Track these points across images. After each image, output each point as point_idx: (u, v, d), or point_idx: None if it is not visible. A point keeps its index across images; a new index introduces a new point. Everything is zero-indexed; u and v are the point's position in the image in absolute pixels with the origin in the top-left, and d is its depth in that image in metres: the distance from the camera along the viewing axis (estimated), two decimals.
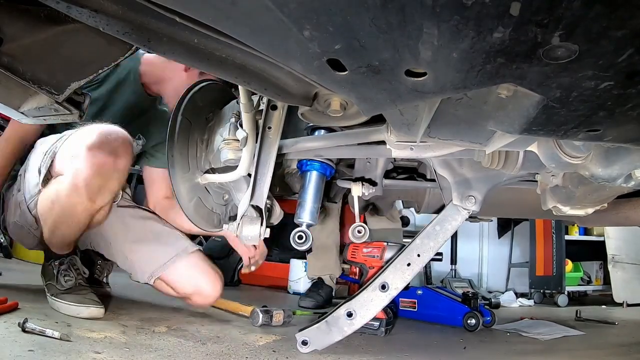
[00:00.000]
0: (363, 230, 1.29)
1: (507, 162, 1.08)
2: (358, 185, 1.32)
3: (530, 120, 0.63)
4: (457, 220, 1.21)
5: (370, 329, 1.61)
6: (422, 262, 1.21)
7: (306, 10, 0.45)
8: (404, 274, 1.21)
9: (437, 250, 1.21)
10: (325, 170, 1.31)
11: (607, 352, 1.73)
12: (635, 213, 1.43)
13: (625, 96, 0.52)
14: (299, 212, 1.28)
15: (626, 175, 0.83)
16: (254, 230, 1.15)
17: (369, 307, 1.21)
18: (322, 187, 1.31)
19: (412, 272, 1.20)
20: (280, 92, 0.78)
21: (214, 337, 1.38)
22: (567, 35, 0.43)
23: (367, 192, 1.33)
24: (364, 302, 1.22)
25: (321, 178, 1.31)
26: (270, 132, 1.17)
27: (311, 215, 1.26)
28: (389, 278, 1.21)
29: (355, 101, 0.66)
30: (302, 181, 1.32)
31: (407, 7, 0.43)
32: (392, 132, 1.10)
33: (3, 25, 0.70)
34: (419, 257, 1.20)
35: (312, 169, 1.30)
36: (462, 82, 0.54)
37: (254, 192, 1.17)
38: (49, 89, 0.78)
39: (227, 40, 0.58)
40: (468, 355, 1.51)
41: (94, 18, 0.61)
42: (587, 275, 3.75)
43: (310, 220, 1.26)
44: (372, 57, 0.52)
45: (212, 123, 1.39)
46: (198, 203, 1.41)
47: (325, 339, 1.23)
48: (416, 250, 1.21)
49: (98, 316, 1.39)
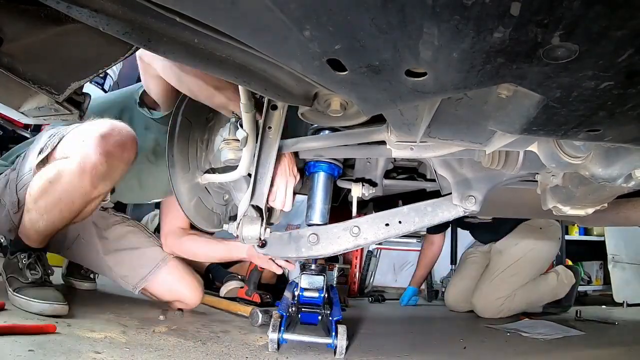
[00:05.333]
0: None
1: (507, 162, 1.08)
2: (358, 186, 1.32)
3: (530, 120, 0.63)
4: (450, 213, 1.20)
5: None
6: (399, 230, 1.20)
7: (306, 10, 0.45)
8: (378, 230, 1.20)
9: (418, 228, 1.20)
10: (333, 170, 1.32)
11: (607, 352, 1.73)
12: (635, 213, 1.43)
13: (625, 96, 0.52)
14: (309, 213, 1.28)
15: (626, 175, 0.83)
16: (254, 230, 1.14)
17: (333, 241, 1.20)
18: (331, 188, 1.32)
19: (386, 233, 1.19)
20: (281, 92, 0.78)
21: (214, 337, 1.38)
22: (567, 36, 0.43)
23: (367, 193, 1.33)
24: (332, 234, 1.21)
25: (329, 179, 1.31)
26: (270, 132, 1.17)
27: (322, 216, 1.27)
28: (364, 226, 1.20)
29: (356, 101, 0.66)
30: (310, 183, 1.32)
31: (407, 7, 0.43)
32: (393, 132, 1.10)
33: (3, 25, 0.70)
34: (399, 225, 1.19)
35: (320, 170, 1.31)
36: (462, 82, 0.54)
37: (254, 192, 1.17)
38: (49, 89, 0.78)
39: (227, 40, 0.58)
40: (468, 355, 1.51)
41: (94, 18, 0.61)
42: (587, 275, 3.75)
43: (320, 221, 1.26)
44: (372, 57, 0.52)
45: (212, 123, 1.39)
46: (198, 203, 1.41)
47: (280, 250, 1.22)
48: (400, 216, 1.20)
49: (62, 313, 1.34)
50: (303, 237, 1.20)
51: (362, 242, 1.20)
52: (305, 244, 1.20)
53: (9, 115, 0.87)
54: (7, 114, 0.87)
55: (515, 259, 2.48)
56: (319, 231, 1.21)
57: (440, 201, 1.21)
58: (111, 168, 1.34)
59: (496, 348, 1.66)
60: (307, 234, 1.20)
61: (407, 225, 1.19)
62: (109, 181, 1.38)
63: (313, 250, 1.20)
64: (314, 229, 1.21)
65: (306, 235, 1.20)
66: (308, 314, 1.46)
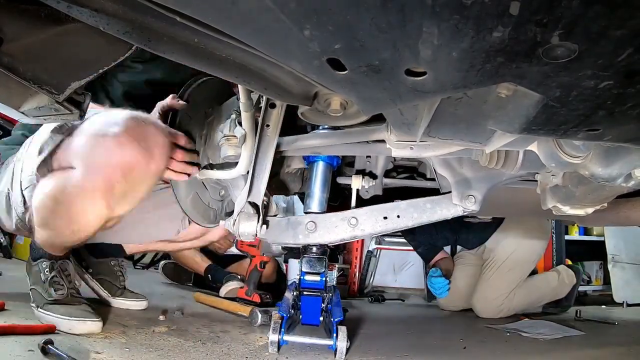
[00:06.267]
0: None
1: (507, 162, 1.08)
2: (358, 178, 1.32)
3: (530, 120, 0.63)
4: (449, 211, 1.20)
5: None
6: (397, 224, 1.20)
7: (306, 9, 0.45)
8: (376, 222, 1.20)
9: (416, 224, 1.20)
10: (332, 160, 1.32)
11: (607, 352, 1.73)
12: (635, 212, 1.43)
13: (625, 95, 0.52)
14: (308, 202, 1.28)
15: (626, 175, 0.83)
16: (251, 226, 1.15)
17: (330, 230, 1.21)
18: (330, 177, 1.32)
19: (384, 226, 1.20)
20: (281, 91, 0.78)
21: (214, 337, 1.38)
22: (567, 35, 0.43)
23: (367, 185, 1.32)
24: (330, 223, 1.21)
25: (328, 168, 1.32)
26: (268, 130, 1.17)
27: (320, 205, 1.28)
28: (362, 217, 1.21)
29: (356, 100, 0.66)
30: (309, 172, 1.32)
31: (406, 7, 0.43)
32: (392, 132, 1.10)
33: (3, 25, 0.70)
34: (397, 219, 1.20)
35: (319, 159, 1.31)
36: (462, 82, 0.54)
37: (251, 188, 1.17)
38: (49, 88, 0.78)
39: (227, 39, 0.58)
40: (468, 355, 1.51)
41: (94, 18, 0.61)
42: (587, 275, 3.75)
43: (318, 209, 1.27)
44: (372, 57, 0.52)
45: (212, 119, 1.39)
46: (195, 198, 1.41)
47: (277, 235, 1.23)
48: (399, 210, 1.20)
49: (96, 331, 1.19)
50: (301, 224, 1.21)
51: (360, 233, 1.20)
52: (302, 230, 1.21)
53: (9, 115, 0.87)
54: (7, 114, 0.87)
55: (509, 253, 2.48)
56: (317, 219, 1.21)
57: (440, 199, 1.21)
58: (133, 185, 1.08)
59: (496, 348, 1.66)
60: (305, 221, 1.21)
61: (405, 220, 1.19)
62: (130, 200, 1.14)
63: (310, 237, 1.21)
64: (312, 217, 1.22)
65: (304, 222, 1.21)
66: (309, 315, 1.46)
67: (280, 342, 1.25)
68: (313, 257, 1.32)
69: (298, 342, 1.31)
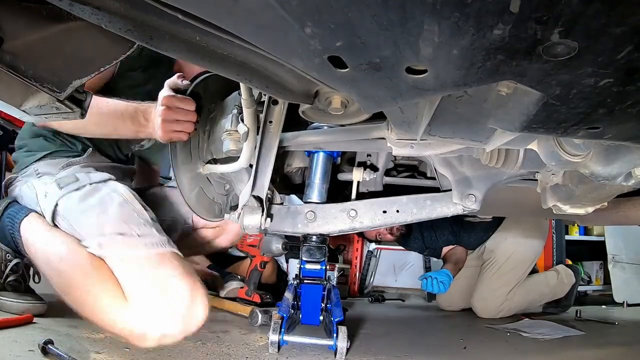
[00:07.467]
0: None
1: (507, 161, 1.08)
2: (359, 170, 1.31)
3: (530, 118, 0.63)
4: (449, 209, 1.20)
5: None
6: (396, 219, 1.20)
7: (308, 7, 0.45)
8: (375, 216, 1.21)
9: (415, 220, 1.20)
10: (333, 151, 1.32)
11: (607, 352, 1.73)
12: (635, 212, 1.43)
13: (625, 93, 0.52)
14: (307, 192, 1.29)
15: (626, 174, 0.83)
16: (255, 219, 1.16)
17: (329, 221, 1.21)
18: (330, 168, 1.32)
19: (383, 220, 1.20)
20: (282, 89, 0.78)
21: (214, 337, 1.38)
22: (567, 32, 0.43)
23: (369, 177, 1.32)
24: (329, 213, 1.22)
25: (328, 159, 1.32)
26: (271, 126, 1.18)
27: (320, 195, 1.28)
28: (361, 210, 1.21)
29: (356, 98, 0.66)
30: (310, 163, 1.33)
31: (407, 4, 0.43)
32: (393, 130, 1.10)
33: (4, 23, 0.70)
34: (397, 214, 1.20)
35: (319, 149, 1.31)
36: (462, 79, 0.54)
37: (255, 183, 1.18)
38: (50, 87, 0.78)
39: (229, 37, 0.58)
40: (468, 355, 1.51)
41: (96, 15, 0.61)
42: (587, 275, 3.75)
43: (318, 199, 1.27)
44: (373, 54, 0.52)
45: (214, 114, 1.40)
46: (200, 193, 1.42)
47: (277, 223, 1.23)
48: (398, 205, 1.21)
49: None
50: (301, 214, 1.22)
51: (358, 225, 1.21)
52: (302, 220, 1.22)
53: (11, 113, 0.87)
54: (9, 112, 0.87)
55: (509, 253, 2.48)
56: (317, 209, 1.22)
57: (440, 196, 1.21)
58: None
59: (496, 348, 1.66)
60: (305, 211, 1.22)
61: (404, 215, 1.20)
62: None
63: (309, 227, 1.21)
64: (311, 207, 1.22)
65: (304, 211, 1.22)
66: (309, 315, 1.46)
67: (280, 342, 1.25)
68: (313, 245, 1.33)
69: (298, 342, 1.31)
